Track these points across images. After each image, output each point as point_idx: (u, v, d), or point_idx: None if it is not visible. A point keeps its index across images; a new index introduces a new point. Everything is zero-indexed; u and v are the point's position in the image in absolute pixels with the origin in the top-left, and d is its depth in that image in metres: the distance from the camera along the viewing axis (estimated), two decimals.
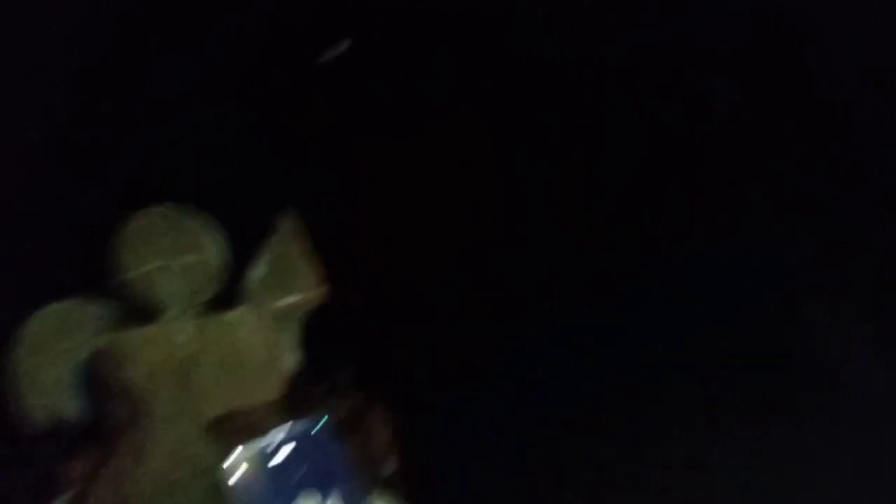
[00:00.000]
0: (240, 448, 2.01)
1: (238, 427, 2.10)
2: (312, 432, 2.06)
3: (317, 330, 2.25)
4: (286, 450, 2.04)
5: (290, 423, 2.04)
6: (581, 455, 2.74)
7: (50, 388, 2.01)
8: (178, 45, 2.68)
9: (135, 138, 2.41)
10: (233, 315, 2.18)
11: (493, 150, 2.93)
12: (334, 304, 2.26)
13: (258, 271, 2.24)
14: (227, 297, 2.20)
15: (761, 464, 2.77)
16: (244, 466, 2.00)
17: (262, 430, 2.08)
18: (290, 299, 2.25)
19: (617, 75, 3.00)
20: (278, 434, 2.03)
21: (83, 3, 2.63)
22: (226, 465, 2.00)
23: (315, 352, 2.24)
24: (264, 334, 2.20)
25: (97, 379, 2.04)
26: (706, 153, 3.06)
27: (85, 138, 2.51)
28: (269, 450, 2.03)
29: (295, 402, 2.16)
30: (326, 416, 2.06)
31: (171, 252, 2.16)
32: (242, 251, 2.23)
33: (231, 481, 1.98)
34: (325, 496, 2.03)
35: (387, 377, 2.37)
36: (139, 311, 2.12)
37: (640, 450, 2.77)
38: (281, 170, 2.42)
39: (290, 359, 2.21)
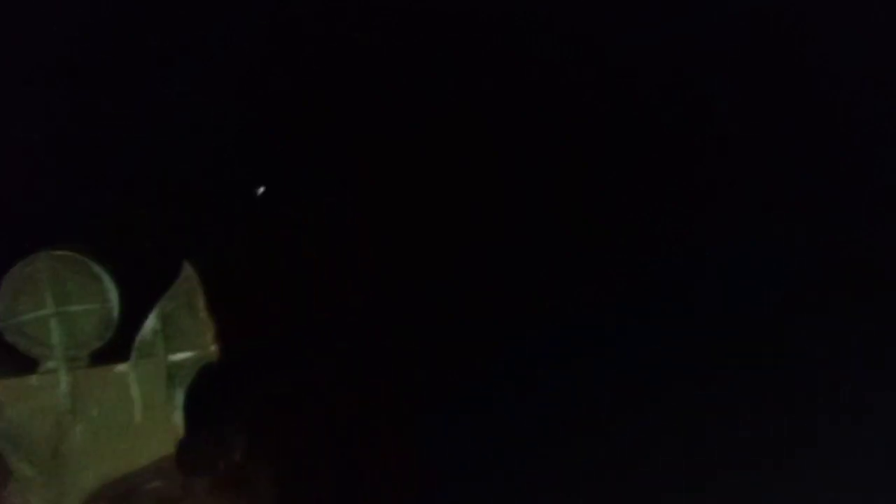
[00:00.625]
0: None
1: (115, 495, 2.07)
2: None
3: (206, 387, 2.14)
4: None
5: None
6: (581, 454, 2.84)
7: None
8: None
9: None
10: (120, 368, 2.10)
11: (493, 151, 2.97)
12: (226, 362, 2.13)
13: (151, 325, 2.11)
14: (116, 349, 2.10)
15: (761, 463, 2.85)
16: None
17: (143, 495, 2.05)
18: (184, 355, 2.13)
19: (617, 75, 3.01)
20: None
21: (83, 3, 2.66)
22: None
23: (204, 410, 2.13)
24: (152, 390, 2.11)
25: None
26: (706, 153, 3.07)
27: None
28: None
29: (182, 462, 2.10)
30: None
31: (62, 299, 2.07)
32: (137, 303, 2.11)
33: None
34: None
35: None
36: (21, 357, 2.07)
37: (641, 450, 2.86)
38: (184, 215, 2.28)
39: (177, 416, 2.12)
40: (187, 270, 2.13)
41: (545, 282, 3.03)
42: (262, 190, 2.44)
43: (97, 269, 2.08)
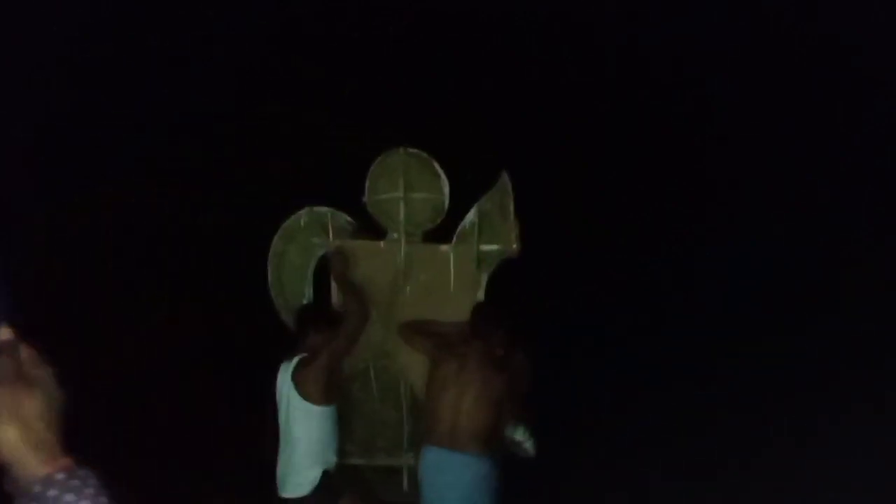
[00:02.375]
0: None
1: (426, 332, 2.67)
2: None
3: (502, 278, 2.67)
4: None
5: None
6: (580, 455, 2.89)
7: (293, 270, 2.74)
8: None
9: None
10: (444, 248, 2.69)
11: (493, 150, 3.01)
12: (521, 262, 2.64)
13: (471, 218, 2.68)
14: (442, 231, 2.69)
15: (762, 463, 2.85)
16: None
17: (446, 340, 2.63)
18: (492, 247, 2.67)
19: (617, 76, 3.05)
20: None
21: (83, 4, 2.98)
22: None
23: (495, 296, 2.67)
24: (464, 269, 2.68)
25: (334, 275, 2.72)
26: (706, 153, 3.09)
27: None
28: None
29: (473, 326, 2.65)
30: None
31: (407, 187, 2.68)
32: (462, 197, 2.67)
33: None
34: None
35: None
36: (371, 228, 2.71)
37: (641, 450, 2.89)
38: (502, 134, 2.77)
39: (480, 293, 2.68)
40: (503, 179, 2.66)
41: (544, 282, 3.09)
42: None
43: (437, 167, 2.67)
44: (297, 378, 2.47)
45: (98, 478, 0.97)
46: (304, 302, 2.72)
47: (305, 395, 2.45)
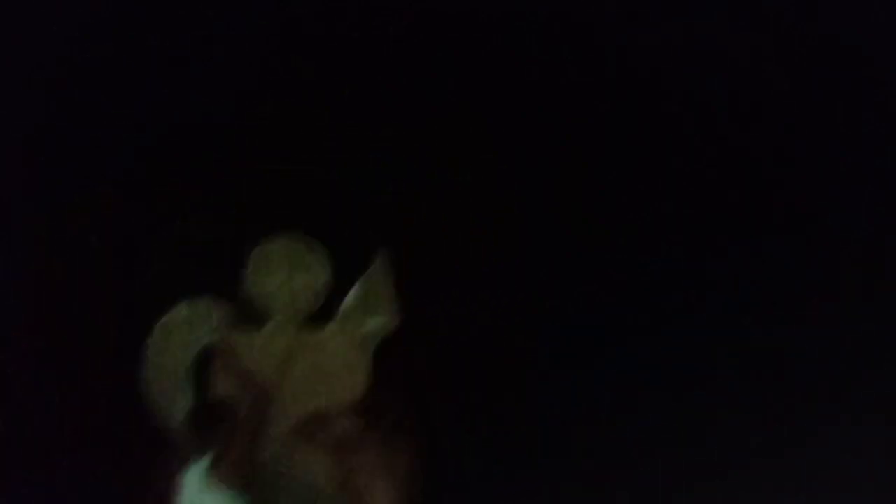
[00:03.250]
0: None
1: (318, 424, 2.68)
2: None
3: (388, 351, 2.74)
4: None
5: None
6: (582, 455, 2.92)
7: (172, 369, 2.70)
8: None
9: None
10: (327, 330, 2.74)
11: (493, 151, 3.07)
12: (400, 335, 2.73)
13: (353, 297, 2.75)
14: (324, 313, 2.75)
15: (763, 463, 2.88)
16: None
17: (338, 428, 2.64)
18: (374, 322, 2.75)
19: (617, 76, 3.06)
20: None
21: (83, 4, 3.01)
22: None
23: (380, 371, 2.74)
24: (348, 350, 2.74)
25: (214, 367, 2.70)
26: (706, 154, 3.09)
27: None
28: None
29: (364, 406, 2.69)
30: None
31: (288, 274, 2.73)
32: (342, 277, 2.75)
33: None
34: None
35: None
36: (250, 316, 2.73)
37: (641, 451, 2.91)
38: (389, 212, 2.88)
39: (364, 373, 2.73)
40: (382, 257, 2.76)
41: (543, 283, 3.10)
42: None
43: (319, 251, 2.74)
44: (216, 474, 2.42)
45: None
46: (186, 401, 2.68)
47: (229, 487, 2.41)
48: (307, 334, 2.74)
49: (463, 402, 2.87)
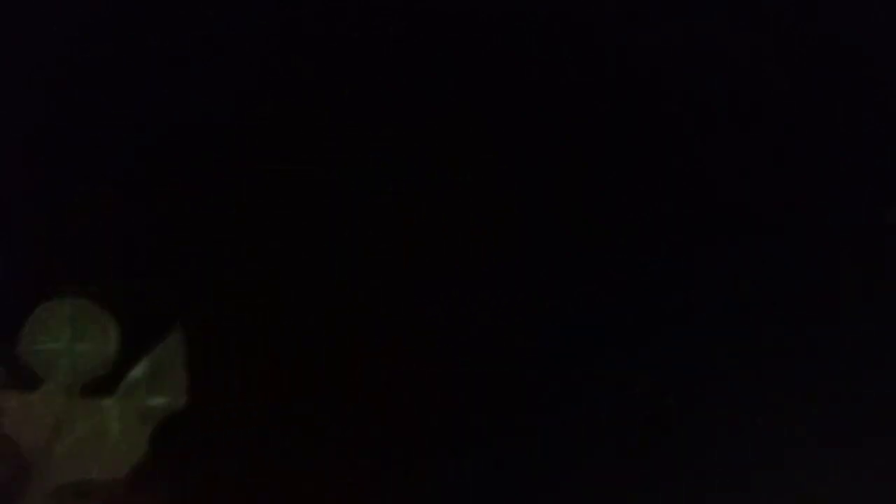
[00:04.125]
0: None
1: (80, 494, 2.55)
2: None
3: (170, 430, 2.65)
4: None
5: None
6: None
7: None
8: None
9: None
10: (104, 402, 2.62)
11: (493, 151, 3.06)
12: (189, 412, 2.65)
13: (139, 370, 2.65)
14: (104, 384, 2.63)
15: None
16: None
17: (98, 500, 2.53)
18: (160, 400, 2.66)
19: (616, 76, 3.05)
20: None
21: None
22: None
23: (163, 448, 2.64)
24: (128, 422, 2.62)
25: None
26: (707, 154, 3.07)
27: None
28: None
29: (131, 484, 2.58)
30: None
31: (70, 338, 2.62)
32: (128, 346, 2.65)
33: None
34: None
35: None
36: (23, 378, 2.59)
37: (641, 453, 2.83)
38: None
39: (137, 450, 2.62)
40: (175, 333, 2.69)
41: (544, 285, 3.04)
42: None
43: (106, 318, 2.64)
44: None
45: None
46: None
47: None
48: (82, 404, 2.61)
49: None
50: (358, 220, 3.02)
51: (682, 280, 3.05)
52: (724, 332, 3.01)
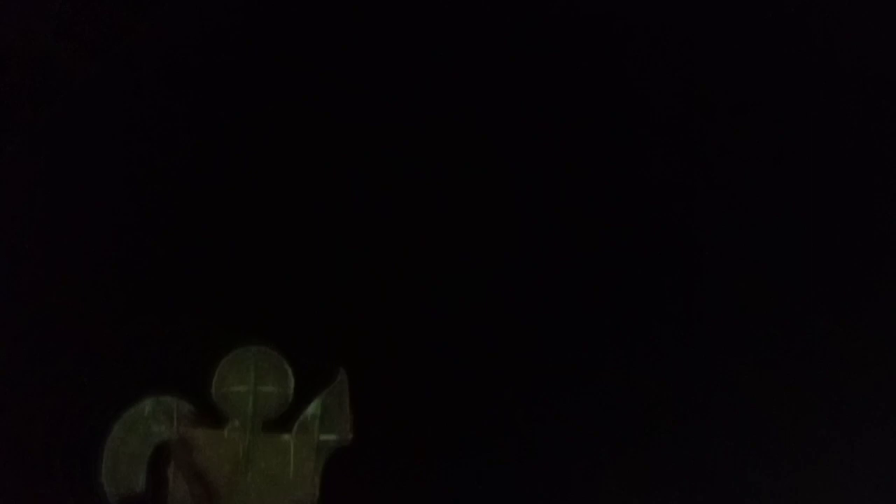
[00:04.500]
0: None
1: None
2: None
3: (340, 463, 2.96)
4: None
5: None
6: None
7: (131, 458, 2.86)
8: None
9: None
10: (285, 437, 2.94)
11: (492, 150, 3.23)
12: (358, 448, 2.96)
13: (312, 410, 2.96)
14: (282, 423, 2.95)
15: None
16: None
17: None
18: (331, 436, 2.97)
19: (616, 76, 3.17)
20: None
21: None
22: None
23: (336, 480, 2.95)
24: (304, 457, 2.94)
25: (172, 461, 2.87)
26: (706, 155, 3.15)
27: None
28: None
29: None
30: None
31: (254, 381, 2.94)
32: (303, 392, 2.97)
33: None
34: None
35: None
36: (211, 418, 2.91)
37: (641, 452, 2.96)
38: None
39: (314, 483, 2.94)
40: (342, 376, 3.00)
41: (544, 288, 3.16)
42: None
43: (286, 364, 2.96)
44: None
45: None
46: (138, 490, 2.83)
47: None
48: (264, 440, 2.94)
49: None
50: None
51: (682, 280, 3.11)
52: (725, 331, 3.07)
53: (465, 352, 3.14)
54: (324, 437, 2.96)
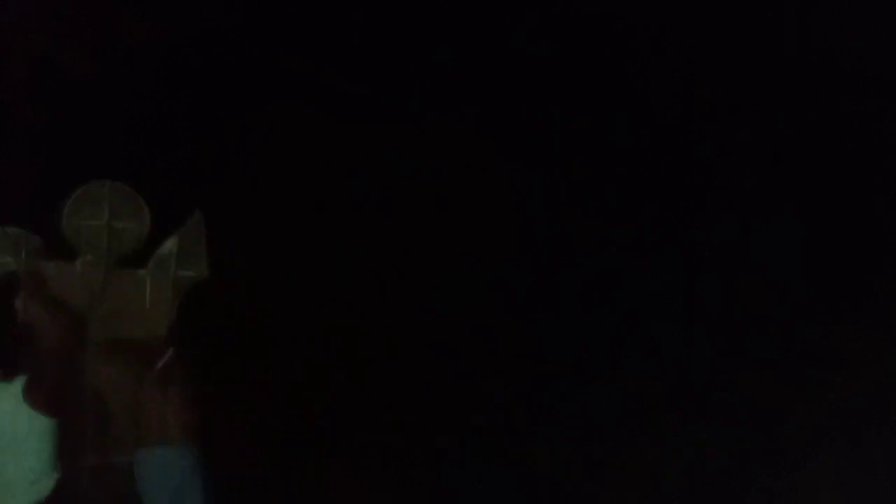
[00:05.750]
0: None
1: (125, 350, 2.93)
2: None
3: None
4: None
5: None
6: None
7: None
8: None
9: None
10: (141, 272, 2.99)
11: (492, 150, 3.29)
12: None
13: (169, 246, 3.01)
14: (136, 259, 2.99)
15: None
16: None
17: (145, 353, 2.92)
18: (187, 272, 3.03)
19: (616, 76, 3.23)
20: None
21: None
22: None
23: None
24: (157, 293, 3.00)
25: (22, 291, 2.87)
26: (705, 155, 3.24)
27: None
28: None
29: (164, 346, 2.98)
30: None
31: (107, 215, 2.95)
32: (160, 226, 3.01)
33: None
34: None
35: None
36: (61, 250, 2.92)
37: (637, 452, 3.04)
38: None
39: (168, 316, 3.01)
40: (198, 214, 3.05)
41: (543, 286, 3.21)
42: None
43: (141, 200, 2.97)
44: (28, 396, 2.64)
45: None
46: None
47: (40, 407, 2.61)
48: (119, 274, 2.97)
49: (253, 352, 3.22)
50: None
51: (681, 280, 3.17)
52: (724, 331, 3.14)
53: (462, 348, 3.14)
54: (181, 273, 3.02)
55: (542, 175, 3.29)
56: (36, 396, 2.63)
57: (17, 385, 2.63)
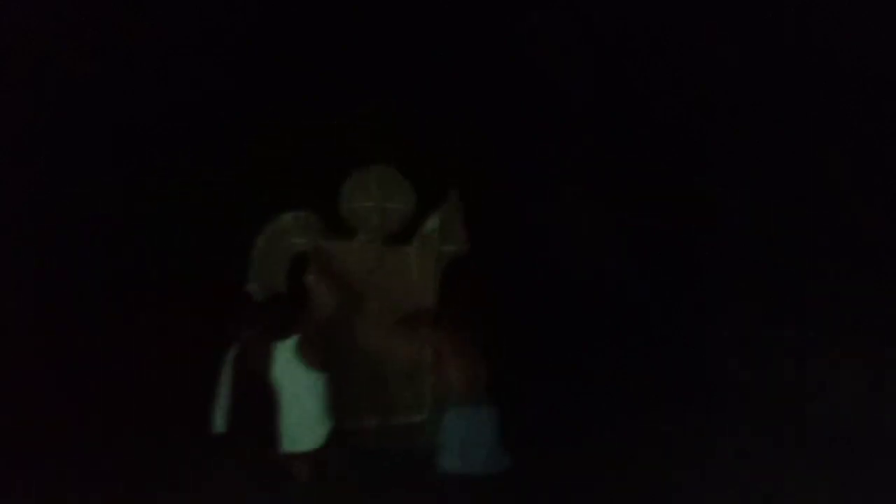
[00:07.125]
0: None
1: (397, 319, 3.22)
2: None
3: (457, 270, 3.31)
4: None
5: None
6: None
7: (273, 264, 3.20)
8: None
9: None
10: (407, 249, 3.28)
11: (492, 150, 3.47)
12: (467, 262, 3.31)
13: (432, 223, 3.29)
14: (404, 236, 3.29)
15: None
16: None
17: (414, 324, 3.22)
18: (449, 247, 3.31)
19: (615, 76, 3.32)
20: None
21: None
22: None
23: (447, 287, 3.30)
24: (423, 267, 3.29)
25: (313, 267, 3.21)
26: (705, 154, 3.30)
27: None
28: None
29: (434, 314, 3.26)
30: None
31: (381, 197, 3.27)
32: (422, 208, 3.31)
33: None
34: None
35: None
36: (341, 230, 3.25)
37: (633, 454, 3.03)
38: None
39: (434, 287, 3.28)
40: (453, 193, 3.32)
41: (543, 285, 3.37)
42: None
43: (407, 183, 3.28)
44: (303, 353, 2.95)
45: None
46: (280, 290, 3.18)
47: (314, 364, 2.93)
48: (390, 251, 3.28)
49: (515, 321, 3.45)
50: None
51: (682, 280, 3.25)
52: (725, 331, 3.22)
53: None
54: (444, 247, 3.31)
55: (543, 175, 3.46)
56: (308, 354, 2.94)
57: (293, 342, 2.94)
